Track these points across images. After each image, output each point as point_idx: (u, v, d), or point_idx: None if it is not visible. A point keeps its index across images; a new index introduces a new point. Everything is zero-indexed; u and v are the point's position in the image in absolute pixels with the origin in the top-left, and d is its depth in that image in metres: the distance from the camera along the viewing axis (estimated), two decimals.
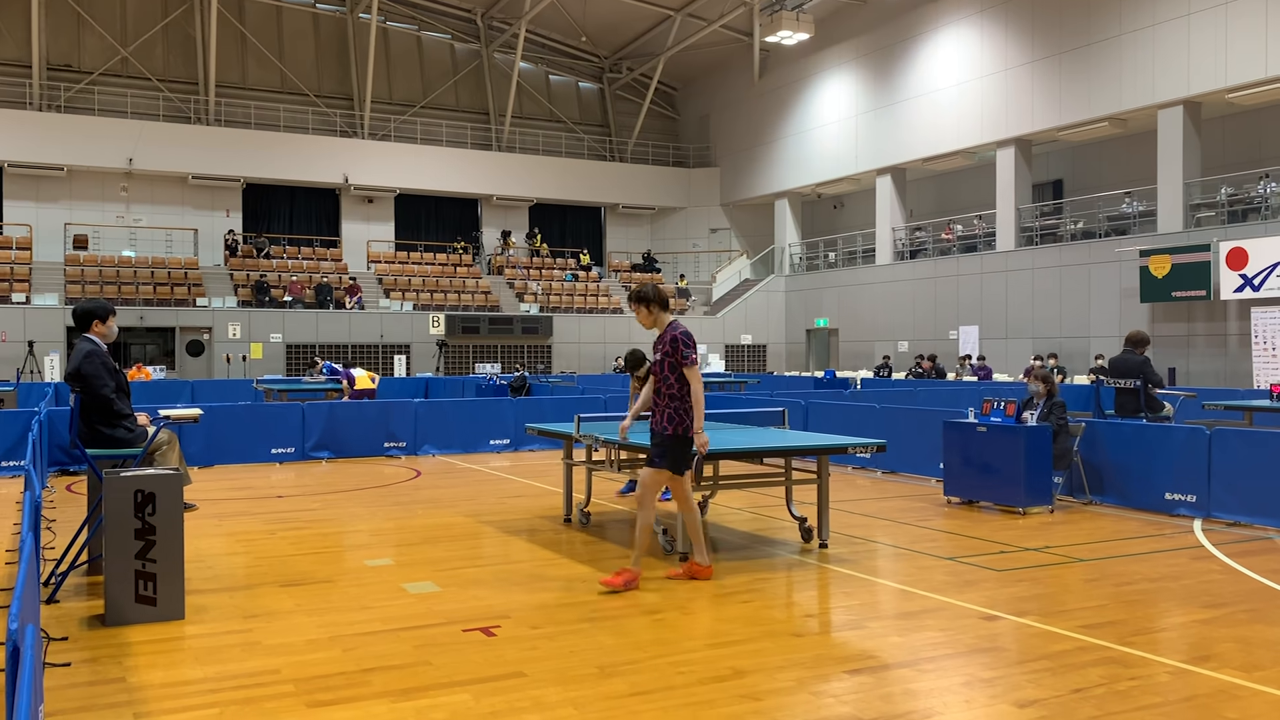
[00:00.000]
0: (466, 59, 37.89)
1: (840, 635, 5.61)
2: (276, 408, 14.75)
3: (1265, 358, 21.35)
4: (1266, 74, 21.46)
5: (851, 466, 13.27)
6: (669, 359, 6.69)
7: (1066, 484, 10.30)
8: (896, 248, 31.72)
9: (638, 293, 6.85)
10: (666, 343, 6.72)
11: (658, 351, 6.79)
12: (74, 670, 5.01)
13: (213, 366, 29.03)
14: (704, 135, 40.01)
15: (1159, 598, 6.43)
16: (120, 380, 6.95)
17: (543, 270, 37.06)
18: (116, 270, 30.44)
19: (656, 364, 6.79)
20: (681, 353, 6.66)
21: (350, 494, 11.14)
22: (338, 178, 34.00)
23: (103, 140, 30.76)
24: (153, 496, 5.82)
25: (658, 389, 6.78)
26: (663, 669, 4.99)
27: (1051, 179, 29.77)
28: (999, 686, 4.72)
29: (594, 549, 8.04)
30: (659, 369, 6.76)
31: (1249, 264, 21.52)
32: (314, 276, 32.64)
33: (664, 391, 6.72)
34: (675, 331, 6.72)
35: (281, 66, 34.76)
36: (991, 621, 5.85)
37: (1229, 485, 9.07)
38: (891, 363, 29.19)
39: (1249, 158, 24.68)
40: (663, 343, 6.76)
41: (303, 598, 6.47)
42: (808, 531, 8.27)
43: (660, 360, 6.74)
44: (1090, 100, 24.97)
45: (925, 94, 29.70)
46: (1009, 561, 7.51)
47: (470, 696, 4.61)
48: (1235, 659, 5.14)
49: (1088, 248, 25.42)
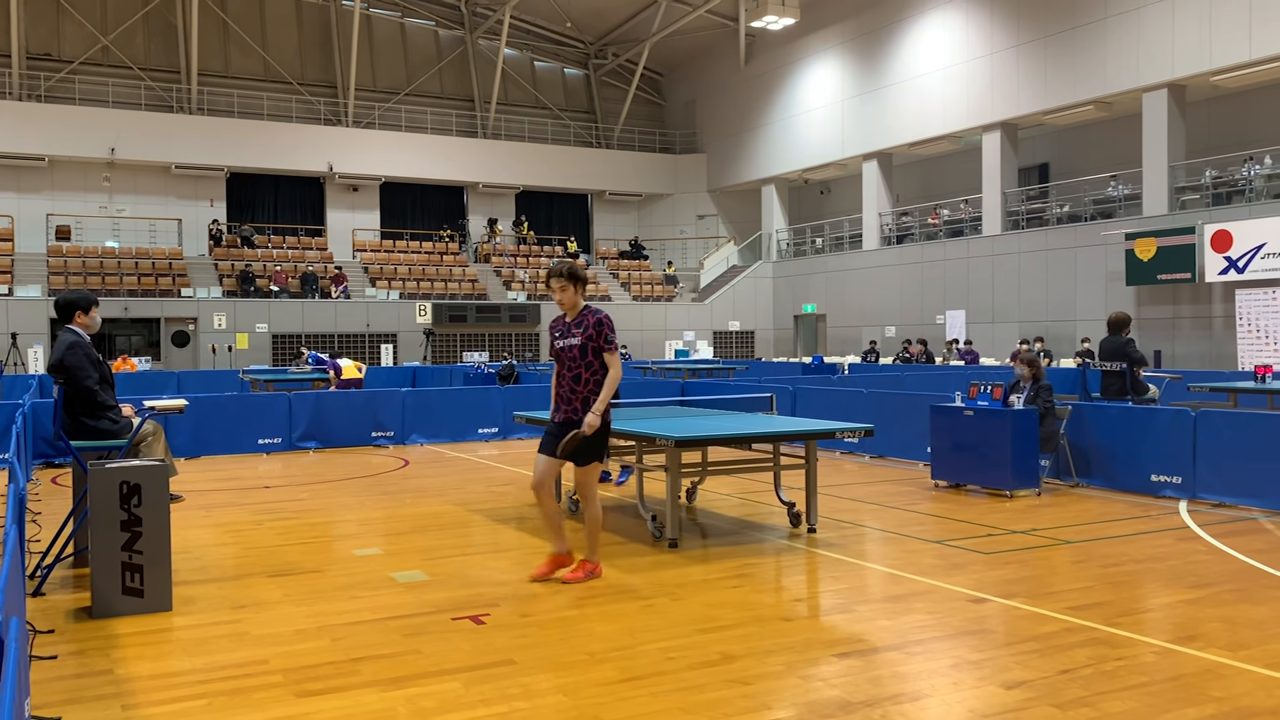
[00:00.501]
0: (451, 45, 37.70)
1: (829, 619, 5.62)
2: (263, 398, 14.69)
3: (1250, 339, 21.47)
4: (1250, 56, 21.52)
5: (839, 451, 13.30)
6: (592, 344, 6.32)
7: (1053, 467, 10.35)
8: (883, 233, 31.75)
9: (570, 270, 6.39)
10: (590, 326, 6.33)
11: (574, 335, 6.35)
12: (61, 663, 4.99)
13: (198, 357, 28.89)
14: (690, 121, 39.93)
15: (1145, 579, 6.46)
16: (104, 371, 6.91)
17: (530, 258, 36.98)
18: (100, 261, 30.24)
19: (575, 349, 6.34)
20: (607, 336, 6.34)
21: (338, 484, 11.11)
22: (322, 166, 33.83)
23: (84, 130, 30.51)
24: (138, 488, 5.79)
25: (577, 375, 6.35)
26: (652, 655, 4.99)
27: (1037, 163, 29.82)
28: (987, 668, 4.75)
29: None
30: (577, 354, 6.34)
31: (1233, 246, 21.62)
32: (299, 266, 32.49)
33: (585, 378, 6.33)
34: (600, 315, 6.37)
35: (264, 54, 34.52)
36: (979, 604, 5.88)
37: (1214, 466, 9.12)
38: (879, 348, 29.26)
39: (1233, 140, 24.77)
40: (584, 326, 6.35)
41: (291, 588, 6.45)
42: (796, 516, 8.29)
43: (581, 345, 6.31)
44: (1075, 84, 25.00)
45: (911, 79, 29.69)
46: (996, 544, 7.54)
47: (460, 685, 4.60)
48: (1221, 638, 5.17)
49: (1074, 231, 25.50)
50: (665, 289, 36.95)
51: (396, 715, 4.24)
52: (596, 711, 4.27)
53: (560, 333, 6.44)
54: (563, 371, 6.42)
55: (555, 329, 6.49)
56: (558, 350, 6.44)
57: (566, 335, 6.39)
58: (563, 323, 6.47)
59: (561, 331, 6.44)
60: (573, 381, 6.36)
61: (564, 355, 6.40)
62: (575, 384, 6.35)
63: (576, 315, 6.42)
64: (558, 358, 6.45)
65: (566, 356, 6.38)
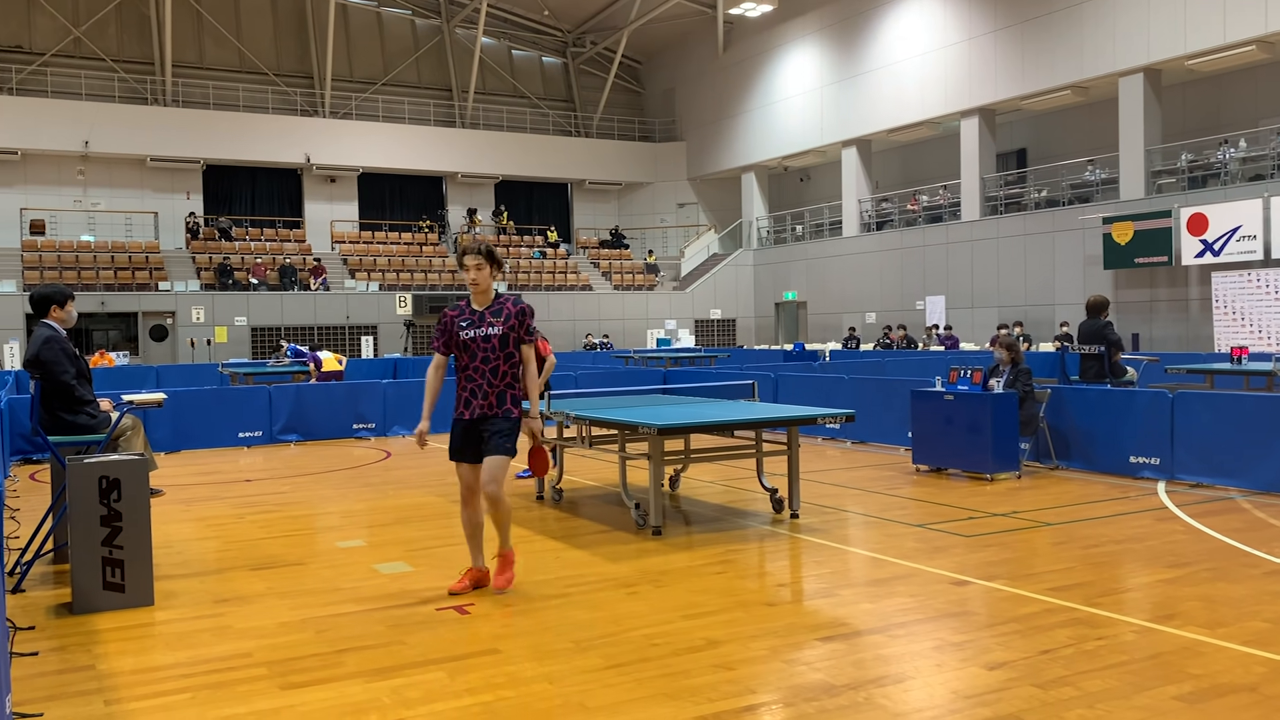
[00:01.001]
0: (428, 35, 37.47)
1: (812, 604, 5.65)
2: (243, 391, 14.62)
3: (1226, 321, 21.67)
4: (1225, 40, 21.66)
5: (821, 437, 13.35)
6: (514, 335, 5.88)
7: (1033, 450, 10.42)
8: (863, 219, 31.82)
9: (488, 249, 5.91)
10: (512, 316, 5.89)
11: (493, 325, 5.85)
12: (42, 659, 4.96)
13: (177, 351, 28.70)
14: (669, 109, 39.86)
15: (1124, 559, 6.52)
16: (81, 366, 6.85)
17: (510, 248, 36.88)
18: (75, 255, 29.97)
19: (494, 340, 5.83)
20: (529, 327, 5.96)
21: (320, 476, 11.07)
22: (299, 157, 33.60)
23: (57, 123, 30.19)
24: (118, 482, 5.75)
25: (495, 369, 5.84)
26: (637, 642, 5.01)
27: (1015, 148, 29.94)
28: (969, 650, 4.78)
29: (567, 525, 8.05)
30: (496, 345, 5.84)
31: (1209, 229, 21.78)
32: (278, 258, 32.29)
33: (503, 370, 5.85)
34: (521, 304, 5.95)
35: (239, 45, 34.22)
36: (961, 586, 5.92)
37: (1191, 447, 9.21)
38: (859, 334, 29.35)
39: (1209, 124, 24.94)
40: (503, 316, 5.88)
41: (274, 581, 6.43)
42: (779, 502, 8.32)
43: (502, 335, 5.84)
44: (1053, 69, 25.10)
45: (889, 65, 29.73)
46: (977, 527, 7.59)
47: (445, 674, 4.60)
48: (1199, 616, 5.23)
49: (1052, 216, 25.63)
50: (646, 278, 36.93)
51: (381, 706, 4.24)
52: (581, 699, 4.28)
53: (469, 322, 5.87)
54: (474, 365, 5.84)
55: (461, 318, 5.90)
56: (465, 341, 5.84)
57: (480, 325, 5.86)
58: (470, 311, 5.92)
59: (471, 321, 5.88)
60: (490, 375, 5.83)
61: (476, 347, 5.84)
62: (493, 377, 5.83)
63: (491, 303, 5.94)
64: (465, 349, 5.85)
65: (481, 348, 5.83)
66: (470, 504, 5.94)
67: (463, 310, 5.95)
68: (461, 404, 5.91)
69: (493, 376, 5.85)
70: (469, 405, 5.87)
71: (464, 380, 5.91)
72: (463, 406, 5.90)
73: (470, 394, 5.87)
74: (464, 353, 5.87)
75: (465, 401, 5.89)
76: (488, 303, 5.95)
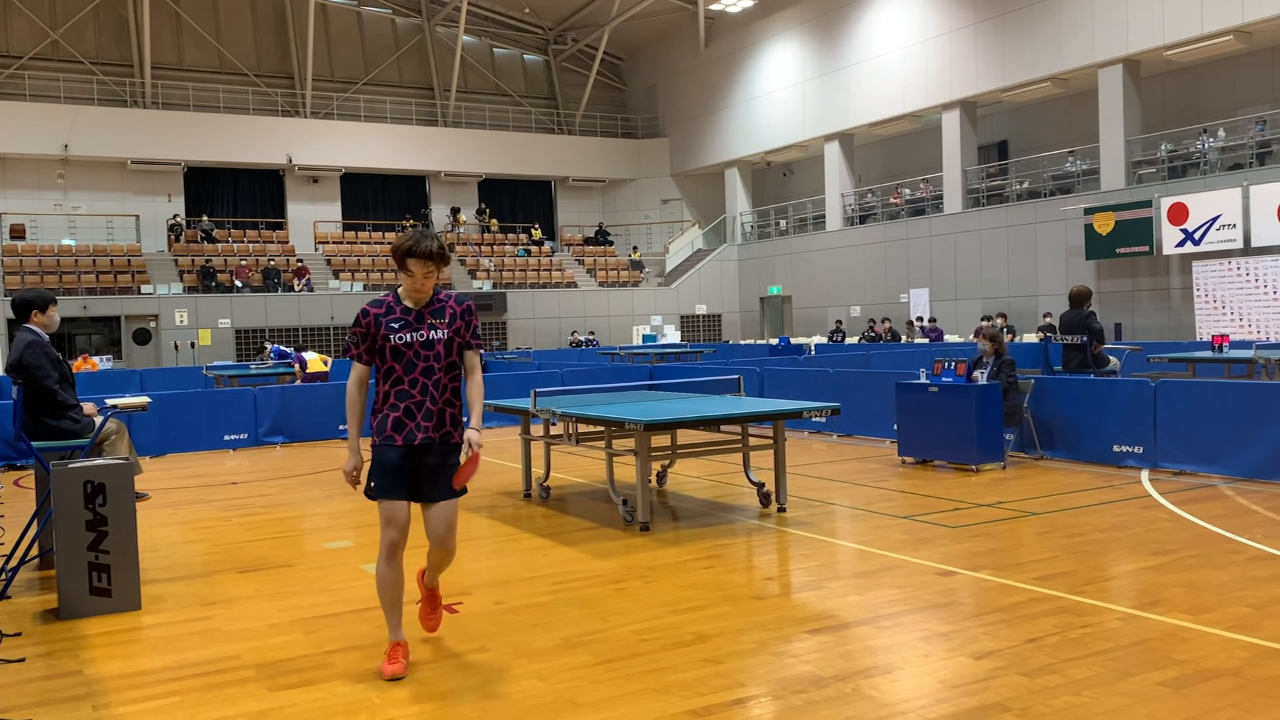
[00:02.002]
0: (408, 34, 37.36)
1: (800, 596, 5.68)
2: (228, 394, 14.56)
3: (1207, 310, 21.82)
4: (1203, 30, 21.80)
5: (807, 431, 13.39)
6: (459, 338, 4.68)
7: (1018, 440, 10.48)
8: (846, 213, 31.90)
9: (443, 250, 4.63)
10: (458, 317, 4.69)
11: (435, 329, 4.63)
12: (29, 665, 4.94)
13: (161, 354, 28.55)
14: (652, 106, 39.86)
15: (1109, 547, 6.57)
16: (64, 370, 6.81)
17: (494, 246, 36.82)
18: (57, 259, 29.78)
19: (437, 346, 4.62)
20: (476, 330, 4.77)
21: (306, 478, 11.04)
22: (281, 158, 33.46)
23: (36, 126, 29.98)
24: (103, 487, 5.73)
25: (438, 381, 4.63)
26: (625, 638, 5.02)
27: (996, 140, 30.08)
28: (956, 640, 4.82)
29: (554, 523, 8.06)
30: (441, 352, 4.63)
31: (1189, 219, 21.93)
32: (261, 260, 32.16)
33: (445, 384, 4.66)
34: (466, 302, 4.78)
35: (219, 46, 34.05)
36: (947, 577, 5.95)
37: (1174, 435, 9.28)
38: (845, 327, 29.43)
39: (1188, 114, 25.10)
40: (447, 316, 4.67)
41: (261, 583, 6.42)
42: (766, 496, 8.35)
43: (447, 341, 4.64)
44: (1032, 61, 25.21)
45: (870, 59, 29.80)
46: (963, 518, 7.63)
47: (434, 673, 4.61)
48: (1183, 603, 5.28)
49: (1033, 207, 25.76)
50: (631, 274, 36.93)
51: (370, 706, 4.24)
52: (571, 695, 4.29)
53: (403, 324, 4.60)
54: (411, 377, 4.59)
55: (390, 318, 4.61)
56: (398, 346, 4.58)
57: (417, 328, 4.61)
58: (401, 311, 4.64)
59: (405, 323, 4.61)
60: (434, 390, 4.60)
61: (413, 354, 4.59)
62: (437, 392, 4.61)
63: (428, 301, 4.68)
64: (398, 357, 4.59)
65: (421, 356, 4.59)
66: (396, 557, 4.59)
67: (390, 308, 4.65)
68: (390, 425, 4.59)
69: (436, 391, 4.62)
70: (402, 428, 4.58)
71: (393, 396, 4.61)
72: (392, 429, 4.58)
73: (405, 413, 4.59)
74: (396, 361, 4.60)
75: (397, 423, 4.58)
76: (426, 301, 4.68)
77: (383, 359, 4.63)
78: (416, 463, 4.62)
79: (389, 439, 4.60)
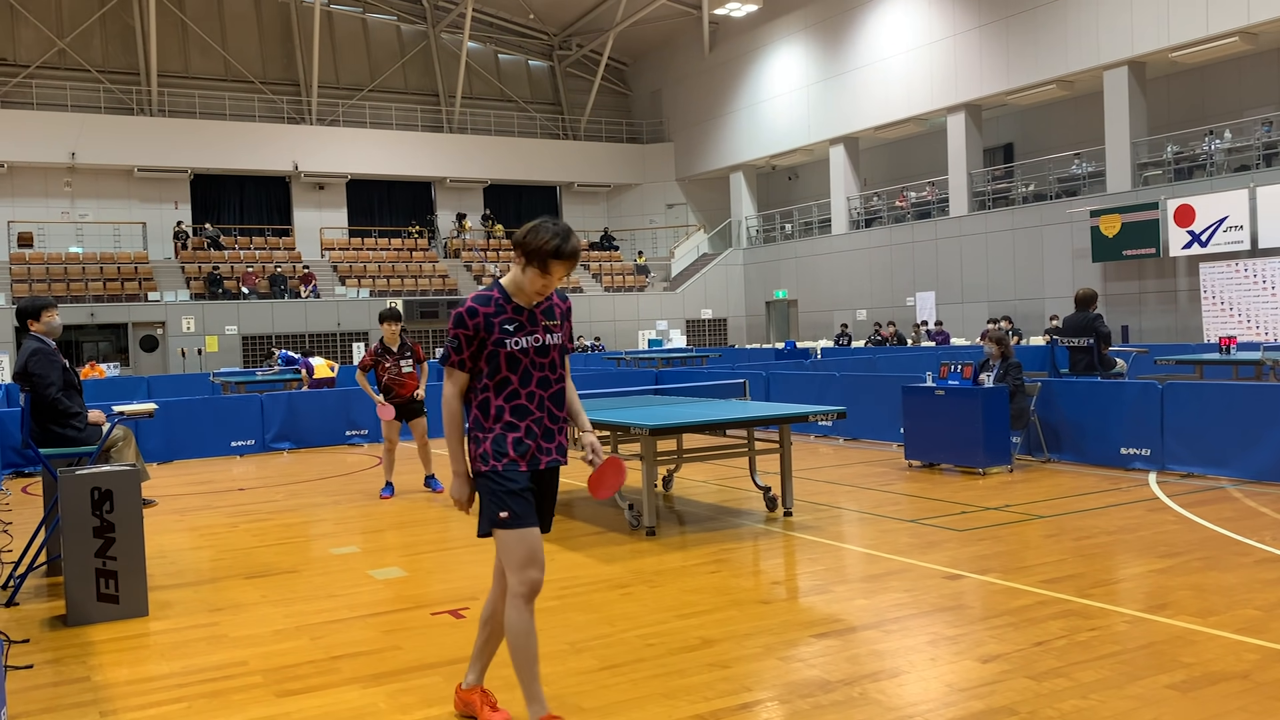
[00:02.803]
0: (414, 40, 37.45)
1: (807, 600, 5.67)
2: (235, 400, 14.59)
3: (1214, 312, 21.76)
4: (1208, 32, 21.76)
5: (814, 435, 13.37)
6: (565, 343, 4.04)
7: (1024, 443, 10.46)
8: (852, 217, 31.88)
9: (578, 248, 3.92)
10: (565, 316, 4.03)
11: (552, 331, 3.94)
12: (37, 672, 4.95)
13: (168, 361, 28.63)
14: (657, 110, 39.90)
15: (1116, 550, 6.55)
16: (70, 378, 6.83)
17: (500, 252, 36.85)
18: (64, 267, 29.89)
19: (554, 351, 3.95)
20: (571, 331, 4.14)
21: (313, 484, 11.06)
22: (287, 165, 33.55)
23: (43, 135, 30.11)
24: (110, 494, 5.75)
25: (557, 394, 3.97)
26: (632, 642, 5.01)
27: (1002, 143, 30.04)
28: (963, 643, 4.80)
29: (560, 527, 8.05)
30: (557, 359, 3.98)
31: (1196, 220, 21.87)
32: (267, 266, 32.24)
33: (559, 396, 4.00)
34: (568, 299, 4.11)
35: (225, 54, 34.16)
36: (954, 580, 5.94)
37: (1181, 438, 9.25)
38: (850, 331, 29.41)
39: (1193, 116, 25.05)
40: (557, 316, 3.99)
41: (268, 589, 6.42)
42: (772, 500, 8.34)
43: (561, 345, 3.99)
44: (1037, 63, 25.19)
45: (875, 62, 29.80)
46: (970, 521, 7.61)
47: (441, 678, 4.61)
48: (1190, 605, 5.26)
49: (1039, 210, 25.72)
50: (636, 279, 36.95)
51: (378, 711, 4.24)
52: (578, 700, 4.28)
53: (517, 326, 3.84)
54: (529, 389, 3.87)
55: (503, 320, 3.82)
56: (514, 353, 3.83)
57: (531, 331, 3.87)
58: (513, 310, 3.86)
59: (519, 325, 3.85)
60: (553, 405, 3.94)
61: (529, 362, 3.87)
62: (556, 408, 3.95)
63: (541, 300, 3.94)
64: (511, 365, 3.83)
65: (537, 364, 3.89)
66: (532, 603, 3.83)
67: (500, 306, 3.85)
68: (511, 446, 3.84)
69: (553, 405, 3.94)
70: (524, 450, 3.86)
71: (509, 412, 3.86)
72: (514, 451, 3.84)
73: (526, 433, 3.87)
74: (511, 370, 3.84)
75: (518, 444, 3.85)
76: (535, 299, 3.92)
77: (493, 367, 3.83)
78: (542, 489, 3.95)
79: (512, 463, 3.83)
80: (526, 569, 3.77)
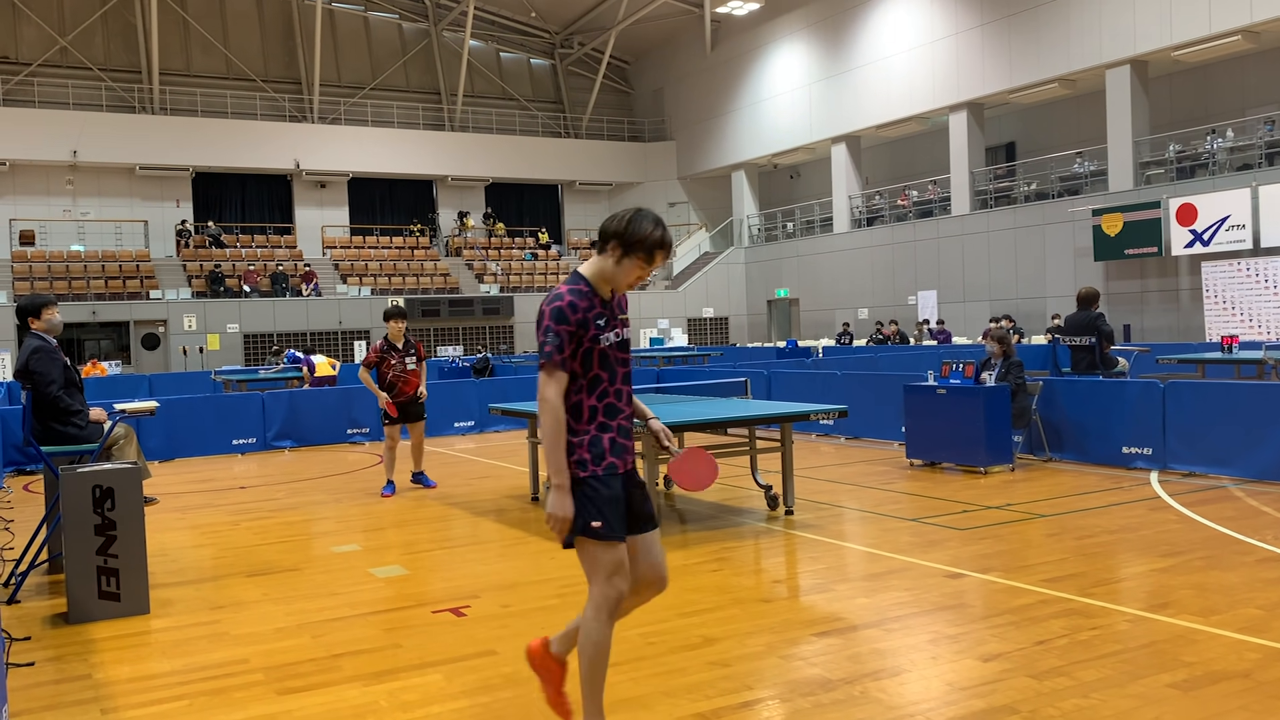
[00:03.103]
0: (415, 38, 37.44)
1: (808, 599, 5.66)
2: (236, 398, 14.59)
3: (1216, 311, 21.74)
4: (1210, 30, 21.73)
5: (815, 434, 13.37)
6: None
7: (1026, 442, 10.45)
8: (853, 215, 31.86)
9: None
10: (625, 308, 3.85)
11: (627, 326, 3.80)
12: (38, 669, 4.95)
13: (169, 359, 28.64)
14: (658, 109, 39.88)
15: (1118, 549, 6.55)
16: (71, 375, 6.83)
17: (501, 250, 36.86)
18: (66, 265, 29.90)
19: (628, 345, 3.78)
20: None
21: (314, 482, 11.06)
22: (289, 163, 33.54)
23: (45, 133, 30.11)
24: (111, 491, 5.75)
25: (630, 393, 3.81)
26: (633, 640, 5.01)
27: (1004, 142, 30.01)
28: (964, 642, 4.80)
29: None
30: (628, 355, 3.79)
31: (1198, 219, 21.85)
32: (269, 264, 32.24)
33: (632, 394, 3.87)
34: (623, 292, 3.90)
35: (226, 52, 34.16)
36: (956, 579, 5.94)
37: (1183, 437, 9.24)
38: (852, 330, 29.40)
39: (1196, 114, 25.02)
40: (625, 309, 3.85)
41: (270, 587, 6.42)
42: (773, 499, 8.34)
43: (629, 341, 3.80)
44: (1040, 62, 25.16)
45: (877, 60, 29.77)
46: (972, 520, 7.61)
47: (442, 677, 4.61)
48: (1192, 604, 5.26)
49: (1041, 209, 25.70)
50: None
51: (379, 709, 4.24)
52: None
53: (606, 320, 3.65)
54: (616, 387, 3.69)
55: (596, 316, 3.61)
56: (606, 351, 3.64)
57: (614, 325, 3.69)
58: (600, 304, 3.66)
59: (607, 319, 3.66)
60: (628, 402, 3.77)
61: (614, 358, 3.68)
62: (628, 406, 3.78)
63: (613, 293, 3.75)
64: (604, 363, 3.65)
65: (619, 360, 3.71)
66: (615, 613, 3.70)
67: (590, 299, 3.64)
68: (608, 449, 3.64)
69: (628, 405, 3.78)
70: (621, 451, 3.69)
71: (602, 412, 3.65)
72: (611, 453, 3.65)
73: (619, 432, 3.70)
74: (603, 369, 3.64)
75: (614, 445, 3.67)
76: (621, 291, 3.76)
77: (586, 366, 3.61)
78: (630, 490, 3.73)
79: (611, 466, 3.63)
80: (614, 579, 3.62)
